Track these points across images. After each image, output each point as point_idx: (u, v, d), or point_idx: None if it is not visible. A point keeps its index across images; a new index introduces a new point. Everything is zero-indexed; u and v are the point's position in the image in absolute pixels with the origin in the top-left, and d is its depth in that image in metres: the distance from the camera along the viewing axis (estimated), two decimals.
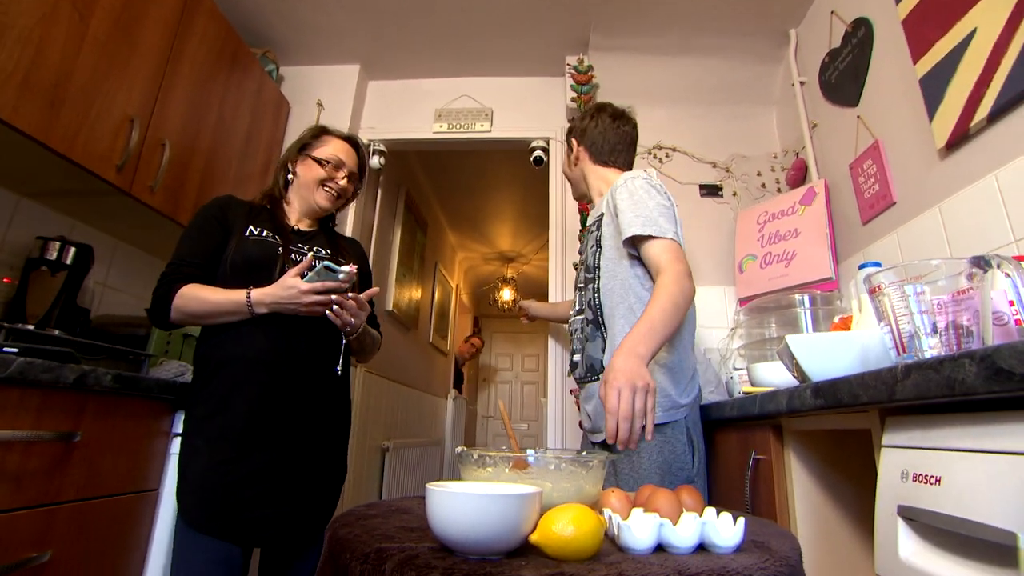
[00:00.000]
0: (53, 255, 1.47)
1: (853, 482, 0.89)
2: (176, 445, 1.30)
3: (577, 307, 1.37)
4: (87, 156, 1.37)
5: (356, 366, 2.43)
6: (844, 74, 1.83)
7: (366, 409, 2.57)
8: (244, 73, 2.07)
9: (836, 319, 1.46)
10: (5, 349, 0.91)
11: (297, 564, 1.20)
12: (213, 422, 1.10)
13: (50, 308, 1.45)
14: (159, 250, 1.99)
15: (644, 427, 0.90)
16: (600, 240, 1.28)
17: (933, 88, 1.35)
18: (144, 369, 1.56)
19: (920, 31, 1.40)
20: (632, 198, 1.18)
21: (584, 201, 1.55)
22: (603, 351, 1.21)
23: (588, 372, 1.25)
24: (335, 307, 1.15)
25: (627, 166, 1.45)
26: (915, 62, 1.41)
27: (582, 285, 1.35)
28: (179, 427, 1.30)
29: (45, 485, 0.99)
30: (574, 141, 1.47)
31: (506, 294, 5.59)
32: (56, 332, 1.39)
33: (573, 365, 1.34)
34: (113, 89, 1.45)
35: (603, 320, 1.23)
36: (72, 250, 1.51)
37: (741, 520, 0.62)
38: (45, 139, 1.25)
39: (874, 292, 0.73)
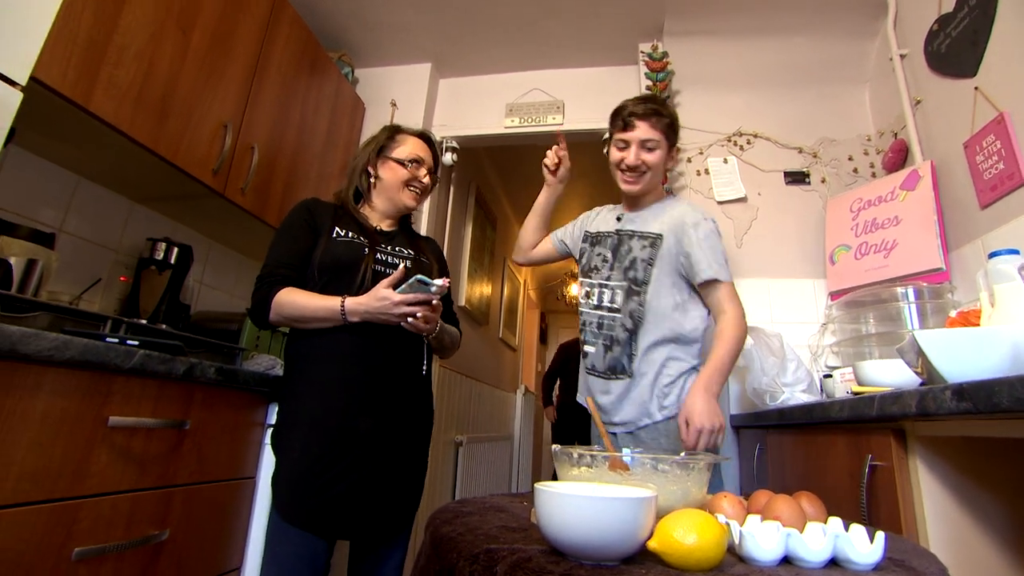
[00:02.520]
0: (160, 255, 1.58)
1: (998, 496, 0.79)
2: (269, 436, 1.36)
3: (608, 305, 1.40)
4: (188, 161, 1.46)
5: (435, 362, 2.48)
6: (958, 41, 1.65)
7: (440, 403, 2.61)
8: (323, 77, 2.14)
9: (953, 313, 1.32)
10: (128, 342, 0.98)
11: (384, 552, 1.23)
12: (303, 417, 1.15)
13: (158, 304, 1.57)
14: (248, 249, 2.10)
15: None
16: (653, 259, 1.37)
17: None
18: (237, 362, 1.64)
19: None
20: (707, 241, 1.32)
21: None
22: (629, 359, 1.34)
23: (610, 372, 1.37)
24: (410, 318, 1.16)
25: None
26: None
27: (616, 287, 1.40)
28: (272, 418, 1.37)
29: (163, 469, 1.06)
30: (674, 145, 1.46)
31: (574, 289, 5.54)
32: (163, 327, 1.49)
33: (585, 355, 1.44)
34: (209, 98, 1.53)
35: (639, 332, 1.34)
36: (176, 250, 1.61)
37: (880, 535, 0.57)
38: (155, 147, 1.34)
39: None
